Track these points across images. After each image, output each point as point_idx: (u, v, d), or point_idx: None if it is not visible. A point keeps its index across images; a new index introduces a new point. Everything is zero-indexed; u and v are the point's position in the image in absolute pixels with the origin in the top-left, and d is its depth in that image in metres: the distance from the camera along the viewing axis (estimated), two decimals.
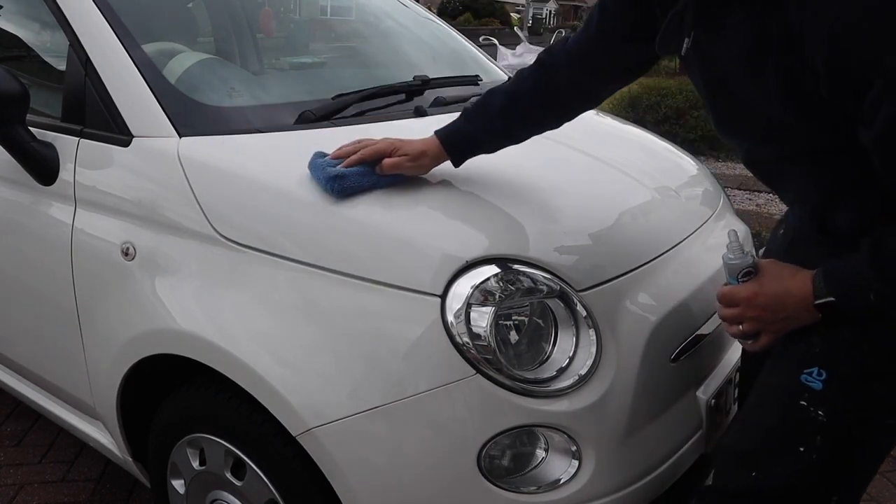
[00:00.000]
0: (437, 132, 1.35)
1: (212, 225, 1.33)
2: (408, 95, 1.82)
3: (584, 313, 1.24)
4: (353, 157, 1.29)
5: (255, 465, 1.32)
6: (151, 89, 1.49)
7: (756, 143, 1.07)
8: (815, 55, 0.86)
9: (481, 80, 2.13)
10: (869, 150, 0.90)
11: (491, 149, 1.38)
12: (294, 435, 1.20)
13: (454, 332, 1.16)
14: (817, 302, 0.99)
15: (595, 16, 1.25)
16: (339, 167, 1.28)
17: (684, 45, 1.04)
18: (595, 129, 2.14)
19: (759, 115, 0.99)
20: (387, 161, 1.30)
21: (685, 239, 1.54)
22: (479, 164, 1.54)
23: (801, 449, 1.02)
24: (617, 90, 1.32)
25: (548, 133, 1.71)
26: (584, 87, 1.31)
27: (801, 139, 0.98)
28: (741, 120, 1.04)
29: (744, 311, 1.06)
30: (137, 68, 1.51)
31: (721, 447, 1.15)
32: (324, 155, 1.34)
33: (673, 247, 1.49)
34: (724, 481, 1.12)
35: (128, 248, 1.43)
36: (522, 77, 1.34)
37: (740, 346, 1.58)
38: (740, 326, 1.08)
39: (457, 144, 1.35)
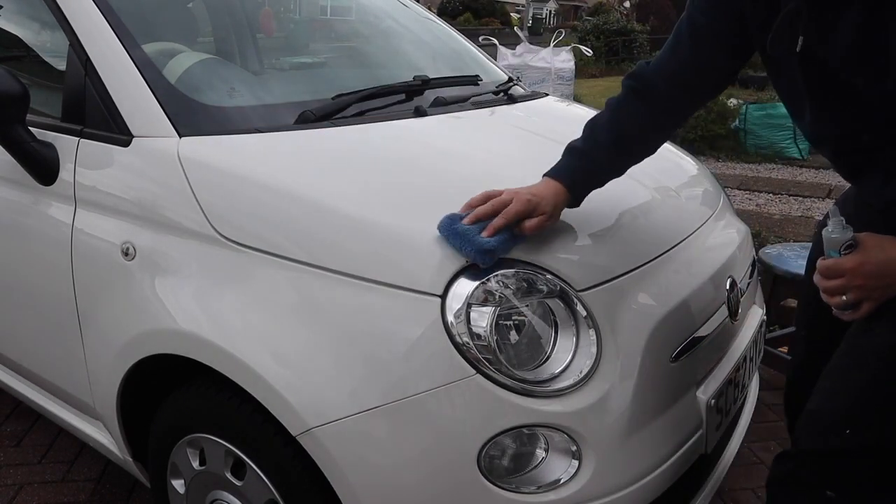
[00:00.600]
0: (556, 177, 1.32)
1: (212, 225, 1.33)
2: (408, 95, 1.82)
3: (584, 313, 1.24)
4: (497, 224, 1.22)
5: (255, 465, 1.32)
6: (151, 89, 1.49)
7: (856, 129, 1.12)
8: None
9: (481, 79, 2.13)
10: None
11: (604, 183, 1.39)
12: (294, 435, 1.20)
13: (454, 332, 1.16)
14: None
15: (685, 34, 1.27)
16: (483, 235, 1.20)
17: (799, 43, 1.08)
18: None
19: (867, 102, 1.05)
20: (530, 224, 1.25)
21: (685, 239, 1.54)
22: (479, 164, 1.54)
23: None
24: (703, 106, 1.36)
25: (548, 134, 1.71)
26: (681, 107, 1.35)
27: None
28: (847, 108, 1.09)
29: (849, 281, 1.10)
30: (137, 68, 1.51)
31: (807, 411, 1.19)
32: (456, 217, 1.24)
33: (673, 247, 1.49)
34: (812, 442, 1.16)
35: (128, 248, 1.43)
36: (620, 106, 1.34)
37: (740, 347, 1.59)
38: (843, 297, 1.11)
39: (580, 185, 1.34)
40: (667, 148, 2.05)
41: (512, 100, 2.07)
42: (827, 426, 1.14)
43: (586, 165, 1.34)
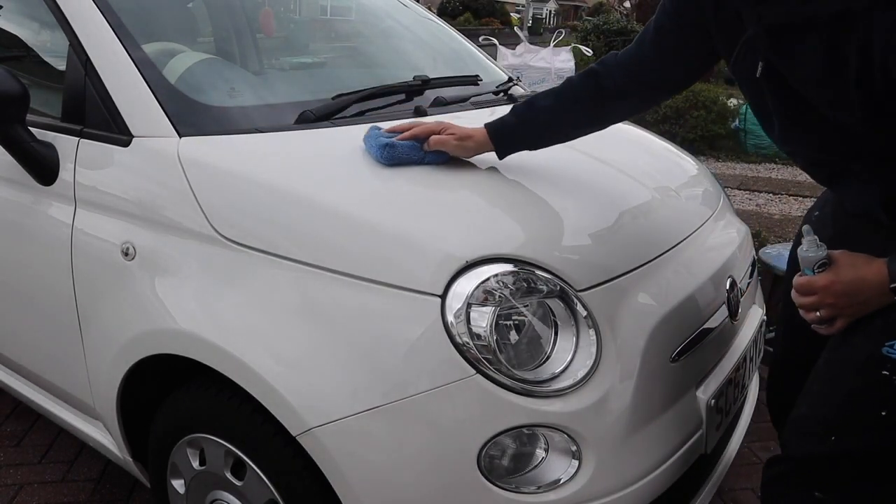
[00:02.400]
0: (486, 124, 1.44)
1: (212, 225, 1.33)
2: (408, 95, 1.82)
3: (584, 313, 1.24)
4: (406, 134, 1.40)
5: (255, 465, 1.32)
6: (151, 89, 1.49)
7: (824, 147, 1.17)
8: (887, 66, 0.97)
9: (481, 79, 2.13)
10: None
11: (533, 146, 1.48)
12: (294, 435, 1.20)
13: (454, 332, 1.16)
14: (893, 285, 1.07)
15: (650, 34, 1.34)
16: (392, 139, 1.38)
17: (759, 69, 1.13)
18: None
19: (832, 124, 1.09)
20: (434, 138, 1.40)
21: (685, 239, 1.54)
22: (478, 164, 1.54)
23: (883, 413, 1.11)
24: (656, 105, 1.41)
25: None
26: (630, 97, 1.40)
27: (872, 141, 1.08)
28: (813, 130, 1.14)
29: (821, 299, 1.14)
30: (137, 68, 1.51)
31: (793, 418, 1.24)
32: (379, 128, 1.45)
33: (673, 246, 1.49)
34: (800, 449, 1.21)
35: (128, 248, 1.43)
36: (572, 83, 1.42)
37: (740, 347, 1.59)
38: (818, 313, 1.16)
39: (502, 136, 1.44)
40: (667, 148, 2.06)
41: (512, 100, 2.07)
42: (813, 433, 1.19)
43: (513, 124, 1.43)
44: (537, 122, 1.43)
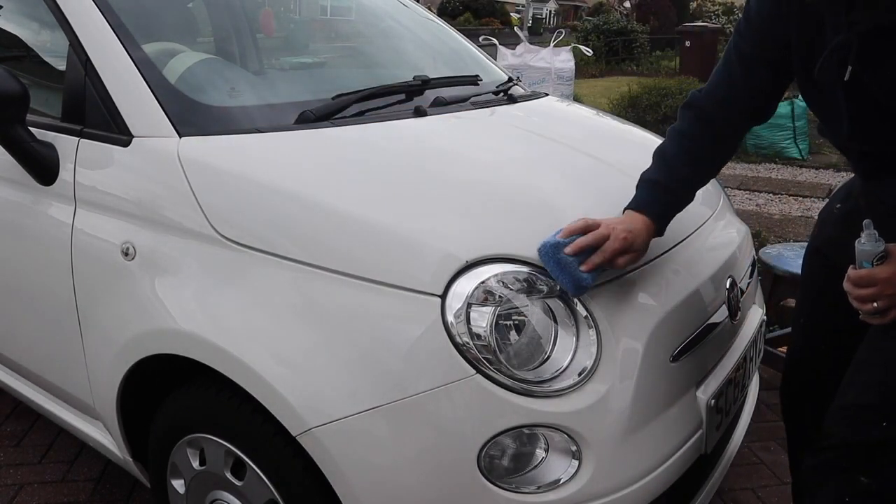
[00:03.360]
0: (643, 211, 1.37)
1: (212, 225, 1.33)
2: (408, 95, 1.82)
3: (585, 313, 1.24)
4: (596, 261, 1.27)
5: (255, 465, 1.32)
6: (151, 89, 1.49)
7: (890, 144, 1.22)
8: None
9: (481, 79, 2.12)
10: None
11: (682, 208, 1.45)
12: (294, 435, 1.20)
13: (454, 331, 1.16)
14: None
15: (735, 61, 1.35)
16: (583, 269, 1.25)
17: (847, 73, 1.17)
18: (595, 129, 2.14)
19: None
20: (623, 260, 1.31)
21: (685, 238, 1.54)
22: (479, 165, 1.54)
23: None
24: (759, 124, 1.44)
25: (548, 134, 1.71)
26: (738, 125, 1.41)
27: None
28: (886, 130, 1.20)
29: (881, 290, 1.17)
30: (137, 68, 1.51)
31: (840, 406, 1.27)
32: (560, 245, 1.26)
33: (673, 246, 1.49)
34: (850, 435, 1.24)
35: (128, 249, 1.43)
36: (684, 133, 1.41)
37: (740, 346, 1.59)
38: (874, 304, 1.18)
39: (665, 216, 1.40)
40: None
41: (512, 100, 2.07)
42: (864, 420, 1.22)
43: (668, 196, 1.40)
44: (683, 187, 1.43)
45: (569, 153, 1.71)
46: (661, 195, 1.39)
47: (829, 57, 1.20)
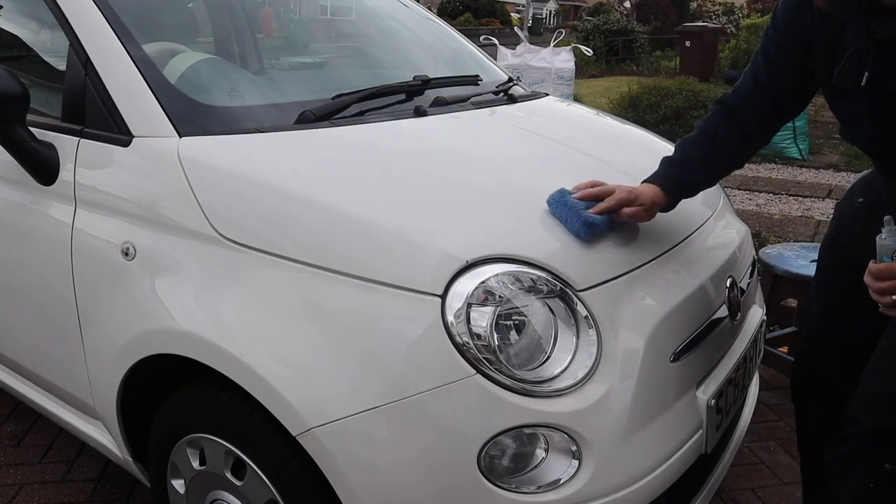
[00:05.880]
0: (654, 182, 1.46)
1: (212, 225, 1.33)
2: (408, 95, 1.82)
3: (585, 313, 1.24)
4: (603, 207, 1.37)
5: (255, 465, 1.32)
6: (151, 89, 1.49)
7: None
8: None
9: (481, 79, 2.12)
10: None
11: (696, 191, 1.55)
12: (294, 435, 1.20)
13: (454, 331, 1.16)
14: None
15: (761, 64, 1.43)
16: (590, 212, 1.34)
17: (864, 78, 1.23)
18: (596, 129, 2.14)
19: None
20: (627, 211, 1.39)
21: (685, 238, 1.54)
22: (479, 165, 1.54)
23: None
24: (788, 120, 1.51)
25: (548, 134, 1.71)
26: (765, 118, 1.48)
27: None
28: None
29: None
30: (137, 68, 1.51)
31: (863, 394, 1.31)
32: (567, 192, 1.38)
33: (673, 246, 1.49)
34: (874, 422, 1.28)
35: (128, 248, 1.43)
36: (708, 124, 1.50)
37: (740, 347, 1.59)
38: (893, 297, 1.20)
39: (675, 191, 1.48)
40: (667, 148, 2.05)
41: (512, 100, 2.07)
42: (887, 408, 1.26)
43: (681, 173, 1.48)
44: (698, 169, 1.49)
45: (569, 153, 1.71)
46: (673, 168, 1.48)
47: (848, 63, 1.25)
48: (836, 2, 1.23)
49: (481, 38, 6.44)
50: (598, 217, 1.34)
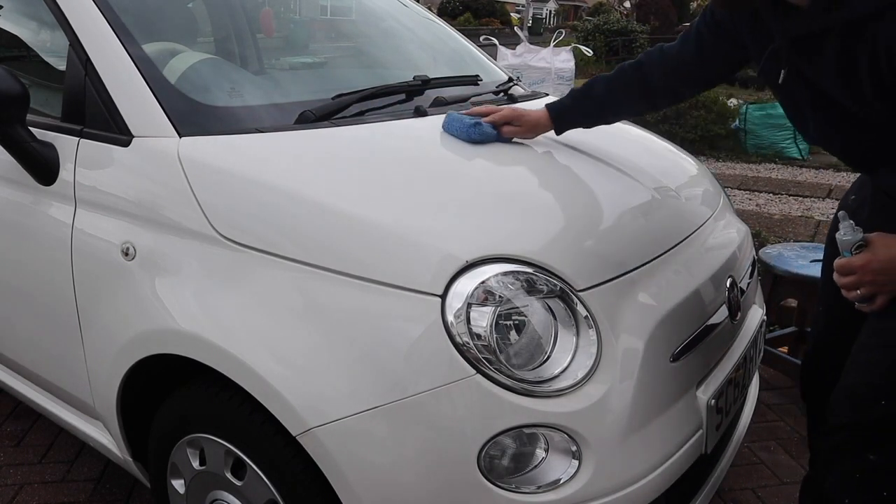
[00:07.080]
0: (547, 106, 1.68)
1: (212, 225, 1.33)
2: (408, 95, 1.82)
3: (585, 313, 1.24)
4: (489, 118, 1.63)
5: (255, 465, 1.32)
6: (151, 89, 1.49)
7: (854, 137, 1.28)
8: (893, 66, 1.10)
9: (481, 79, 2.13)
10: None
11: (586, 125, 1.74)
12: (294, 435, 1.20)
13: (454, 331, 1.16)
14: None
15: (693, 37, 1.53)
16: (478, 120, 1.60)
17: (781, 75, 1.29)
18: (595, 129, 2.14)
19: (858, 116, 1.22)
20: (508, 129, 1.64)
21: (685, 239, 1.54)
22: (479, 165, 1.54)
23: None
24: (690, 97, 1.68)
25: (548, 133, 1.72)
26: (673, 87, 1.62)
27: (894, 128, 1.21)
28: (844, 122, 1.26)
29: (860, 278, 1.22)
30: (137, 68, 1.51)
31: (842, 386, 1.33)
32: (459, 113, 1.64)
33: (673, 246, 1.49)
34: (851, 414, 1.30)
35: (128, 248, 1.43)
36: (623, 71, 1.65)
37: (740, 347, 1.59)
38: (858, 291, 1.24)
39: (562, 116, 1.68)
40: (667, 148, 2.06)
41: (512, 99, 2.07)
42: (863, 399, 1.28)
43: (575, 105, 1.68)
44: (592, 104, 1.66)
45: (569, 153, 1.71)
46: (569, 101, 1.68)
47: (765, 63, 1.32)
48: (729, 2, 1.32)
49: (481, 39, 6.44)
50: (479, 120, 1.59)
